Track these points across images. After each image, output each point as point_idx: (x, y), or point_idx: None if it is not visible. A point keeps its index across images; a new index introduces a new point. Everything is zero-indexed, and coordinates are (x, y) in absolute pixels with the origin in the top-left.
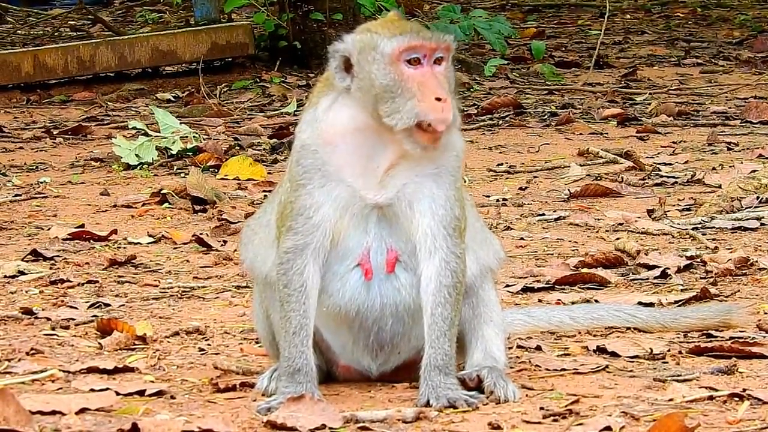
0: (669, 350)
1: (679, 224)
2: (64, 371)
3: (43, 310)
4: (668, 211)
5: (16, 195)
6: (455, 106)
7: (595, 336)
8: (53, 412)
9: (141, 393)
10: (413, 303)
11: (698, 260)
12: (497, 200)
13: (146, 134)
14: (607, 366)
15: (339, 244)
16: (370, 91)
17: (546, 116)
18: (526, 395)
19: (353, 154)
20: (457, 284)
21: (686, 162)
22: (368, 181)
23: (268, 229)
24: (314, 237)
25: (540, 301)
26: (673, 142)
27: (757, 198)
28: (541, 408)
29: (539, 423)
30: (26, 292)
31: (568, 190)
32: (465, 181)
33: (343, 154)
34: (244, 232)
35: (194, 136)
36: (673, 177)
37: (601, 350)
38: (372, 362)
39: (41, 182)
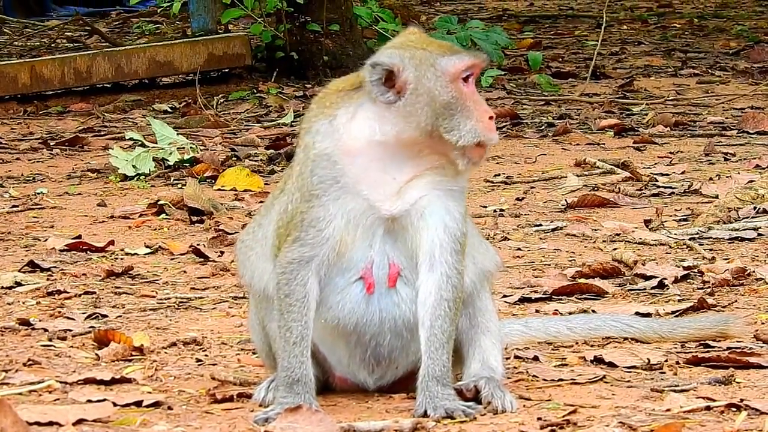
0: (666, 360)
1: (676, 234)
2: (61, 382)
3: (40, 321)
4: (665, 221)
5: (13, 206)
6: None
7: (592, 346)
8: (50, 423)
9: (138, 404)
10: (413, 318)
11: (695, 270)
12: (494, 211)
13: (143, 145)
14: (604, 376)
15: (343, 256)
16: (430, 106)
17: (543, 127)
18: (524, 406)
19: (372, 167)
20: (457, 299)
21: (683, 172)
22: (384, 194)
23: (264, 243)
24: (322, 249)
25: (537, 311)
26: (670, 153)
27: (755, 208)
28: (539, 418)
29: None
30: (23, 303)
31: (565, 200)
32: None
33: (362, 166)
34: (240, 248)
35: (191, 147)
36: (670, 187)
37: (598, 360)
38: (369, 377)
39: (38, 193)
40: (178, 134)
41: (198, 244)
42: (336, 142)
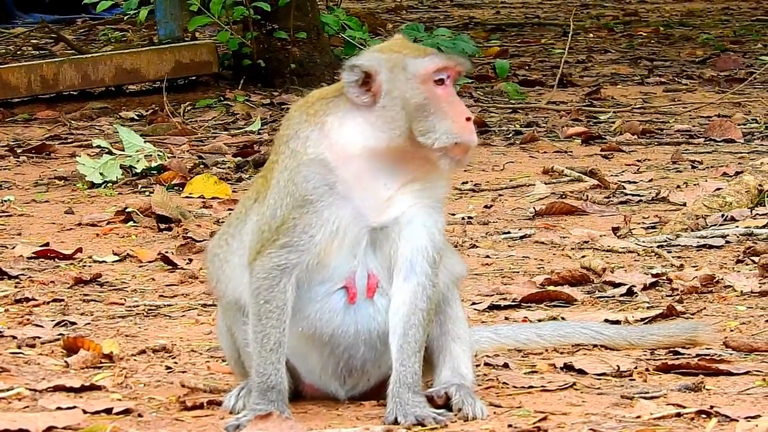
0: (636, 367)
1: (644, 242)
2: (30, 389)
3: (8, 328)
4: (633, 229)
5: None
6: None
7: (562, 353)
8: (20, 431)
9: (108, 411)
10: (387, 329)
11: (664, 278)
12: (463, 218)
13: (110, 153)
14: (574, 383)
15: (326, 265)
16: (403, 109)
17: (510, 134)
18: (494, 412)
19: (364, 174)
20: (431, 310)
21: (651, 180)
22: (375, 202)
23: (242, 253)
24: (308, 256)
25: (507, 318)
26: (638, 161)
27: (722, 216)
28: (510, 425)
29: None
30: None
31: (534, 208)
32: None
33: (355, 173)
34: (212, 260)
35: (158, 155)
36: (638, 195)
37: (568, 367)
38: (340, 388)
39: (5, 201)
40: (145, 142)
41: (166, 252)
42: (329, 148)
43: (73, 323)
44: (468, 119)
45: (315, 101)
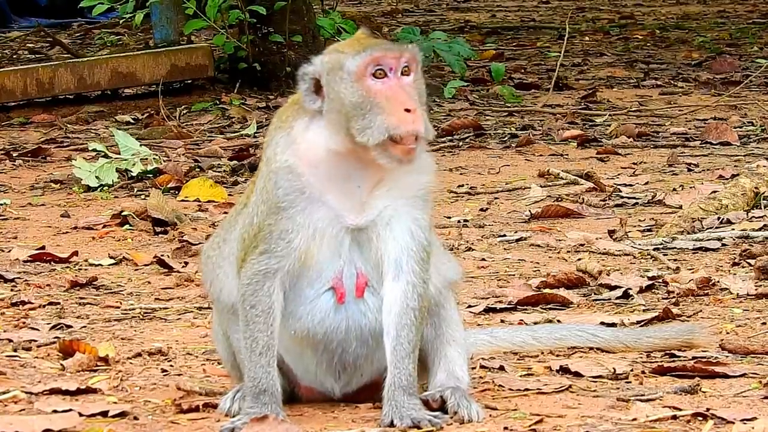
0: (632, 370)
1: (640, 245)
2: (26, 392)
3: (4, 331)
4: (629, 231)
5: None
6: (427, 118)
7: (558, 356)
8: None
9: (104, 414)
10: (378, 326)
11: (660, 281)
12: (458, 221)
13: (106, 156)
14: (570, 386)
15: (311, 267)
16: (341, 111)
17: (506, 138)
18: (490, 415)
19: (335, 176)
20: (422, 308)
21: (647, 183)
22: (350, 204)
23: (231, 258)
24: (289, 260)
25: (502, 321)
26: (634, 163)
27: (718, 219)
28: (505, 428)
29: None
30: None
31: (529, 211)
32: None
33: (326, 176)
34: (206, 263)
35: (154, 158)
36: (634, 198)
37: (564, 370)
38: (335, 384)
39: (1, 204)
40: (141, 145)
41: (162, 255)
42: (295, 153)
43: (69, 326)
44: (408, 110)
45: (288, 106)
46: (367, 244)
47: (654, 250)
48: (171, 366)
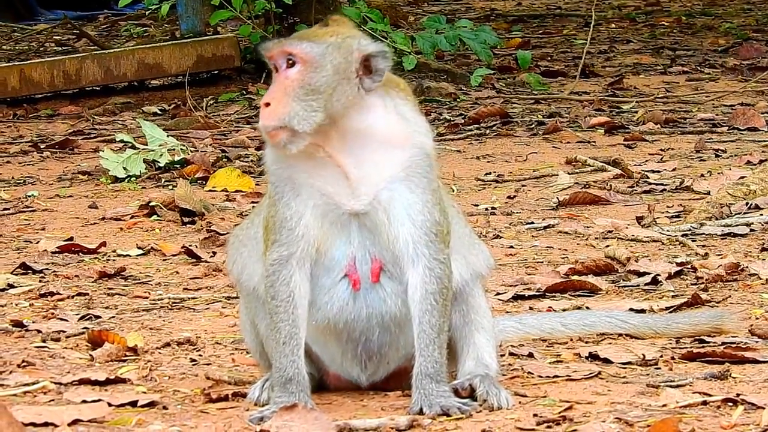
0: (662, 356)
1: (668, 231)
2: (55, 383)
3: (33, 322)
4: (657, 218)
5: (5, 209)
6: (304, 108)
7: (587, 343)
8: (46, 424)
9: (133, 404)
10: (399, 312)
11: (689, 267)
12: (486, 209)
13: (133, 147)
14: (599, 372)
15: (324, 254)
16: None
17: (533, 125)
18: (519, 402)
19: (314, 162)
20: (443, 290)
21: (674, 169)
22: (339, 188)
23: (256, 242)
24: (298, 246)
25: (531, 308)
26: (661, 150)
27: (746, 204)
28: (535, 415)
29: (533, 430)
30: (16, 305)
31: (557, 198)
32: (453, 191)
33: (305, 163)
34: (232, 243)
35: (181, 149)
36: (662, 184)
37: (593, 357)
38: (361, 373)
39: (29, 196)
40: (168, 136)
41: (190, 245)
42: None
43: (98, 317)
44: (265, 105)
45: None
46: (376, 229)
47: (682, 236)
48: (200, 355)
